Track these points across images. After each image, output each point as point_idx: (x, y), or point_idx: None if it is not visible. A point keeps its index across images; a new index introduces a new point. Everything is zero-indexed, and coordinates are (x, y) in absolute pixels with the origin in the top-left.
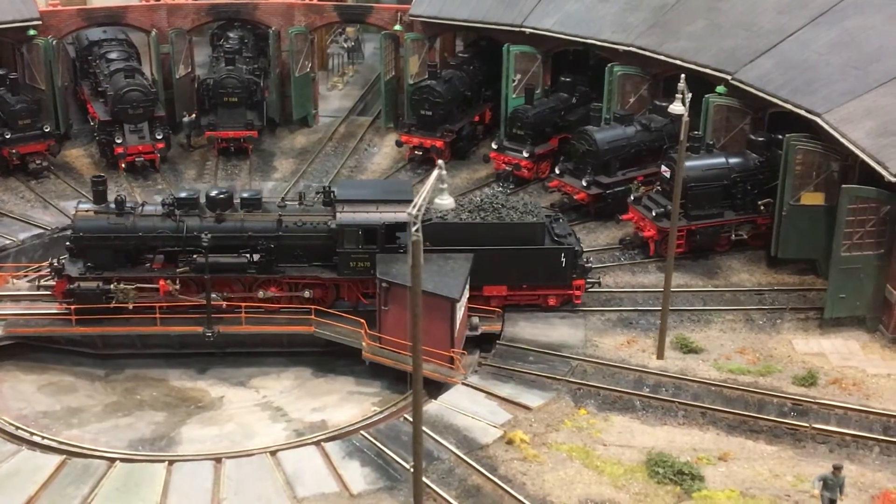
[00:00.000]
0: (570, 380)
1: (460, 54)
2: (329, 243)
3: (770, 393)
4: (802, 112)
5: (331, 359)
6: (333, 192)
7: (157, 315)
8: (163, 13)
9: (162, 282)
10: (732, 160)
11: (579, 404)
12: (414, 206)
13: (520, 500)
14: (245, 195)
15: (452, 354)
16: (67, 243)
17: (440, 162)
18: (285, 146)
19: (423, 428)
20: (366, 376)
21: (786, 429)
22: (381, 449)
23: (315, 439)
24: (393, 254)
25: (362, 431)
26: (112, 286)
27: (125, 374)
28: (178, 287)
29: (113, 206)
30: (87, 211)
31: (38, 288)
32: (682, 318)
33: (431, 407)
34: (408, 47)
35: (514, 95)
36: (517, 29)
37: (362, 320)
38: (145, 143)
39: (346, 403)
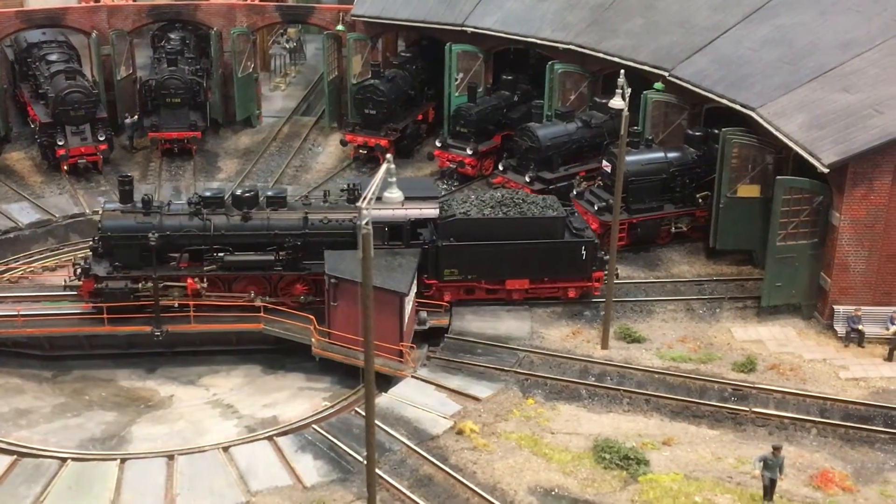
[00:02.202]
0: (518, 371)
1: (403, 54)
2: (354, 240)
3: (711, 379)
4: (737, 107)
5: (280, 356)
6: (358, 189)
7: (105, 315)
8: (103, 14)
9: (190, 280)
10: (671, 155)
11: (527, 394)
12: (363, 200)
13: (471, 489)
14: (270, 193)
15: (402, 348)
16: (91, 243)
17: (389, 156)
18: (229, 147)
19: (375, 421)
20: (316, 372)
21: (727, 413)
22: (333, 442)
23: (267, 434)
24: (341, 250)
25: (314, 426)
26: (140, 285)
27: (73, 374)
28: (205, 285)
29: (139, 205)
30: (113, 210)
31: (65, 288)
32: (626, 308)
33: (382, 400)
34: (350, 47)
35: (456, 94)
36: (458, 28)
37: (311, 316)
38: (87, 145)
39: (297, 399)
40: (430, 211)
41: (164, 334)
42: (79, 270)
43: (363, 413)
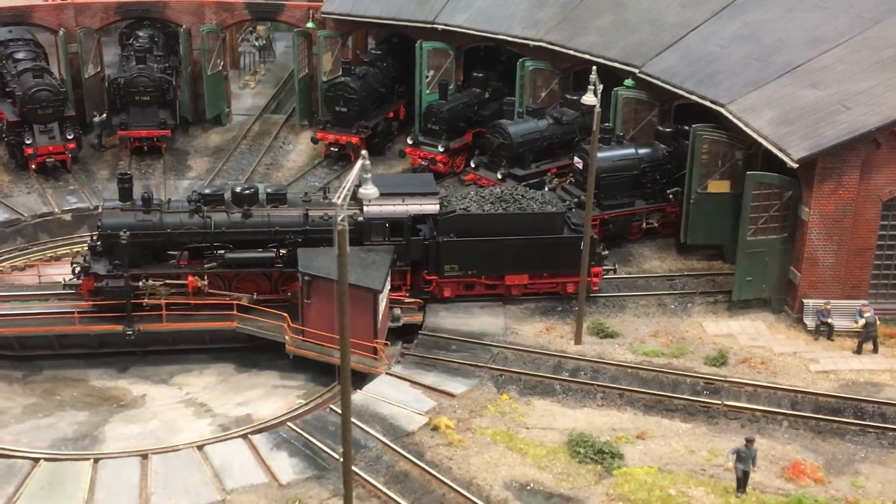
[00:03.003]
0: (492, 367)
1: (373, 51)
2: (356, 236)
3: (683, 373)
4: (707, 103)
5: (254, 354)
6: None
7: (76, 315)
8: (70, 12)
9: (191, 278)
10: (642, 151)
11: (501, 390)
12: (338, 197)
13: (446, 484)
14: (270, 190)
15: (376, 345)
16: (90, 241)
17: (364, 153)
18: (199, 145)
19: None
20: (290, 370)
21: (699, 407)
22: (308, 439)
23: (242, 432)
24: (315, 247)
25: (289, 423)
26: (140, 283)
27: (43, 374)
28: (206, 283)
29: (139, 202)
30: (113, 208)
31: (64, 287)
32: (598, 304)
33: (357, 397)
34: (321, 44)
35: (427, 91)
36: (429, 26)
37: (285, 314)
38: (56, 144)
39: (271, 397)
40: (431, 207)
41: (136, 333)
42: (78, 269)
43: (338, 410)
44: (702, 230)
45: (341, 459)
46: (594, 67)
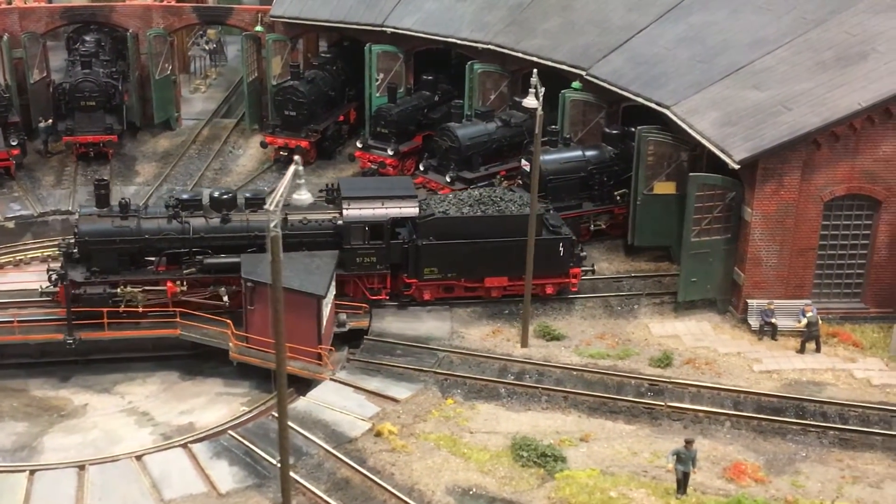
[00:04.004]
0: (437, 371)
1: (323, 54)
2: (335, 240)
3: (628, 375)
4: (652, 105)
5: (199, 361)
6: (338, 189)
7: (15, 324)
8: (14, 17)
9: (169, 283)
10: (589, 153)
11: (446, 394)
12: (271, 203)
13: (388, 490)
14: (248, 195)
15: (320, 351)
16: (66, 248)
17: (297, 158)
18: (147, 150)
19: (292, 424)
20: (234, 377)
21: (643, 408)
22: (249, 448)
23: (182, 442)
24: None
25: (230, 431)
26: (119, 289)
27: None
28: (185, 288)
29: (116, 208)
30: (90, 215)
31: (41, 294)
32: (545, 306)
33: (300, 404)
34: (269, 48)
35: (377, 94)
36: (378, 29)
37: (228, 321)
38: None
39: (215, 405)
40: (410, 210)
41: (77, 342)
42: (54, 276)
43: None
44: (649, 231)
45: (279, 466)
46: (535, 70)
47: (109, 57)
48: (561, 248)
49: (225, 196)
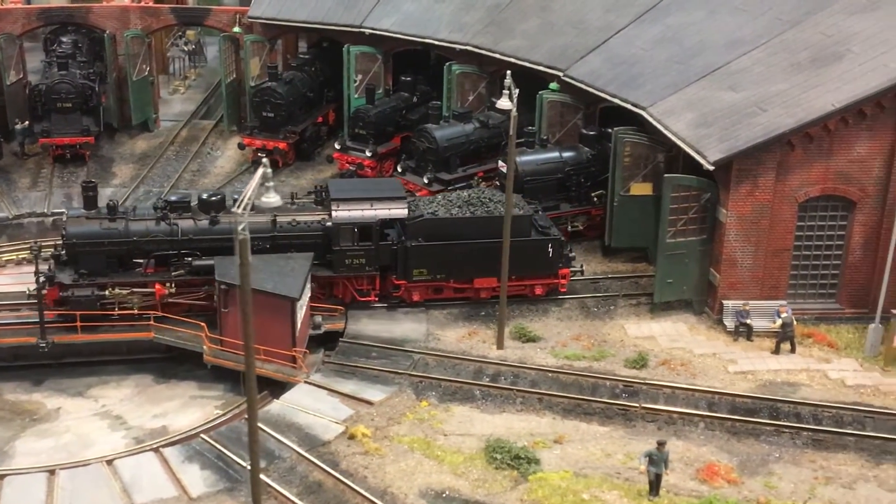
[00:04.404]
0: (412, 373)
1: (302, 55)
2: (324, 241)
3: (603, 376)
4: (629, 106)
5: (174, 364)
6: (327, 191)
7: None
8: None
9: (158, 285)
10: (566, 154)
11: (421, 397)
12: (238, 206)
13: (360, 494)
14: (237, 196)
15: (294, 353)
16: (54, 250)
17: (265, 160)
18: (125, 151)
19: (265, 428)
20: (208, 380)
21: (617, 410)
22: (221, 451)
23: (154, 446)
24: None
25: (203, 435)
26: (107, 292)
27: None
28: (174, 290)
29: (105, 210)
30: (78, 217)
31: (28, 297)
32: (522, 308)
33: (274, 407)
34: (248, 49)
35: (356, 96)
36: (356, 30)
37: (203, 323)
38: None
39: (189, 408)
40: (399, 211)
41: (51, 345)
42: (42, 279)
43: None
44: (625, 232)
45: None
46: (508, 72)
47: (86, 58)
48: (550, 249)
49: (213, 198)
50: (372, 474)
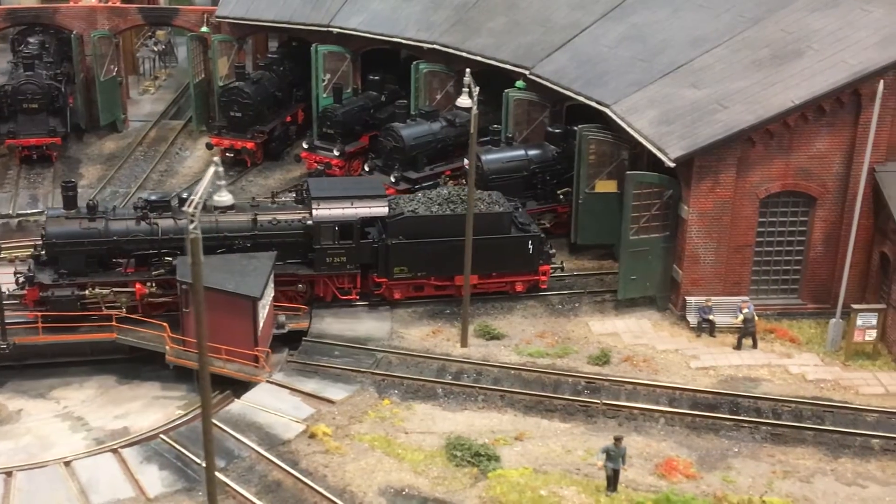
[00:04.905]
0: (375, 372)
1: (270, 55)
2: (305, 240)
3: (565, 373)
4: (593, 104)
5: (137, 365)
6: (307, 189)
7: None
8: None
9: (138, 285)
10: (532, 152)
11: (383, 395)
12: (190, 205)
13: (319, 492)
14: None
15: (257, 353)
16: (34, 250)
17: (216, 159)
18: (93, 152)
19: (225, 427)
20: (171, 380)
21: (578, 406)
22: (180, 451)
23: (114, 446)
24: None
25: (162, 435)
26: (87, 292)
27: None
28: (154, 290)
29: (84, 210)
30: (57, 217)
31: (8, 297)
32: (486, 306)
33: (234, 406)
34: (215, 49)
35: (324, 95)
36: (324, 29)
37: (165, 324)
38: None
39: (151, 409)
40: (380, 209)
41: (11, 347)
42: (21, 279)
43: (216, 421)
44: (591, 230)
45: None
46: (468, 70)
47: (53, 59)
48: (530, 246)
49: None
50: (332, 473)
